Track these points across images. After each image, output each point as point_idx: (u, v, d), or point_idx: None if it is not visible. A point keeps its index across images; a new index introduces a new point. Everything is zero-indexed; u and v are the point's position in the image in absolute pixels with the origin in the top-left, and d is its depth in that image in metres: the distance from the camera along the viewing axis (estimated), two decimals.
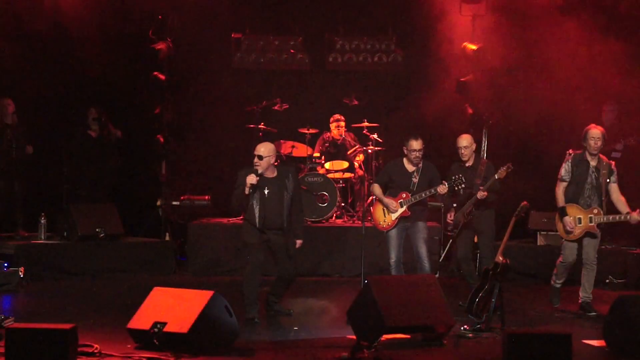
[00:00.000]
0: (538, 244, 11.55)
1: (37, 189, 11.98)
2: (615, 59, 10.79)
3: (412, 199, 9.00)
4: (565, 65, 10.92)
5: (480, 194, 8.98)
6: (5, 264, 10.15)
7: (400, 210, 9.05)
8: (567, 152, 9.08)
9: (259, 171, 8.31)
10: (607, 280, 10.40)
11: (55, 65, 12.26)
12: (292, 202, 8.48)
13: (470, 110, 11.94)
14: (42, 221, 11.34)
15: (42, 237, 11.35)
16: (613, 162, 8.91)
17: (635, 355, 6.92)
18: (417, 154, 9.04)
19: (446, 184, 8.92)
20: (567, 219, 8.77)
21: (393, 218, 9.07)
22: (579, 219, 8.76)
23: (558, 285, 9.14)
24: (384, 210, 9.14)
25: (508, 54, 11.42)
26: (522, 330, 7.80)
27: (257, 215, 8.34)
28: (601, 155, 8.86)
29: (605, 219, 8.69)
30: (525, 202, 8.52)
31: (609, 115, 11.27)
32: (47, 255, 11.07)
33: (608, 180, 8.76)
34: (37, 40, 11.76)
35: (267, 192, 8.37)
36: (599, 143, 8.74)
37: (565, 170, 8.90)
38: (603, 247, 10.85)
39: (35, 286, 10.31)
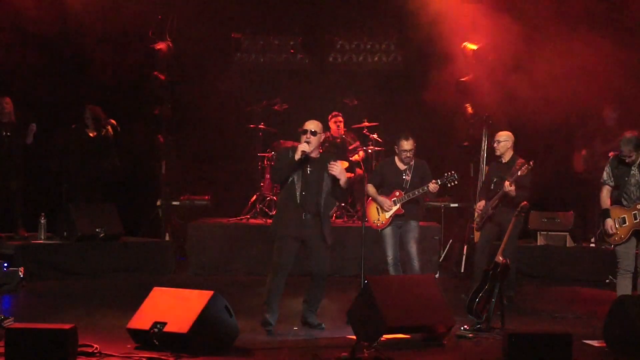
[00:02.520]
0: (538, 244, 11.56)
1: (37, 189, 11.97)
2: (618, 58, 10.79)
3: (405, 197, 9.04)
4: (569, 65, 10.90)
5: (508, 187, 8.92)
6: (5, 264, 10.14)
7: (394, 209, 9.10)
8: (609, 154, 8.86)
9: (310, 148, 7.91)
10: (607, 280, 10.39)
11: (55, 65, 12.26)
12: (332, 186, 8.03)
13: (470, 110, 11.94)
14: (42, 221, 11.33)
15: (42, 237, 11.34)
16: None
17: (635, 355, 6.91)
18: (408, 154, 9.10)
19: (439, 181, 8.96)
20: (608, 221, 8.26)
21: (387, 216, 9.11)
22: (623, 218, 8.22)
23: None
24: (377, 209, 9.19)
25: (508, 53, 11.42)
26: (522, 330, 7.80)
27: (298, 191, 7.93)
28: None
29: None
30: (525, 202, 8.52)
31: (611, 118, 11.27)
32: (47, 255, 11.07)
33: None
34: (36, 39, 11.75)
35: (310, 170, 7.95)
36: (633, 153, 8.15)
37: (606, 173, 8.39)
38: (604, 247, 10.88)
39: (35, 286, 10.31)
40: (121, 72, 12.39)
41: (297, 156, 7.86)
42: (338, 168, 7.94)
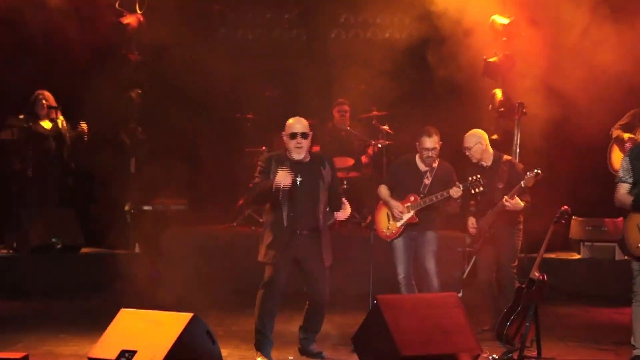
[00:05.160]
0: (581, 256, 11.56)
1: None
2: None
3: (421, 203, 8.95)
4: (626, 48, 10.87)
5: (511, 203, 8.69)
6: None
7: (407, 216, 9.01)
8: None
9: (302, 154, 7.79)
10: None
11: (6, 44, 12.25)
12: (330, 197, 7.99)
13: (499, 97, 11.92)
14: None
15: None
16: None
17: None
18: (430, 154, 8.96)
19: (461, 186, 8.81)
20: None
21: (398, 225, 9.03)
22: (638, 225, 7.65)
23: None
24: (388, 215, 9.12)
25: (547, 29, 11.42)
26: None
27: (285, 211, 7.81)
28: None
29: None
30: (565, 207, 8.47)
31: None
32: None
33: None
34: None
35: (300, 181, 7.80)
36: None
37: (622, 168, 7.85)
38: None
39: None
40: (83, 51, 12.38)
41: (278, 186, 7.64)
42: (345, 215, 8.14)
